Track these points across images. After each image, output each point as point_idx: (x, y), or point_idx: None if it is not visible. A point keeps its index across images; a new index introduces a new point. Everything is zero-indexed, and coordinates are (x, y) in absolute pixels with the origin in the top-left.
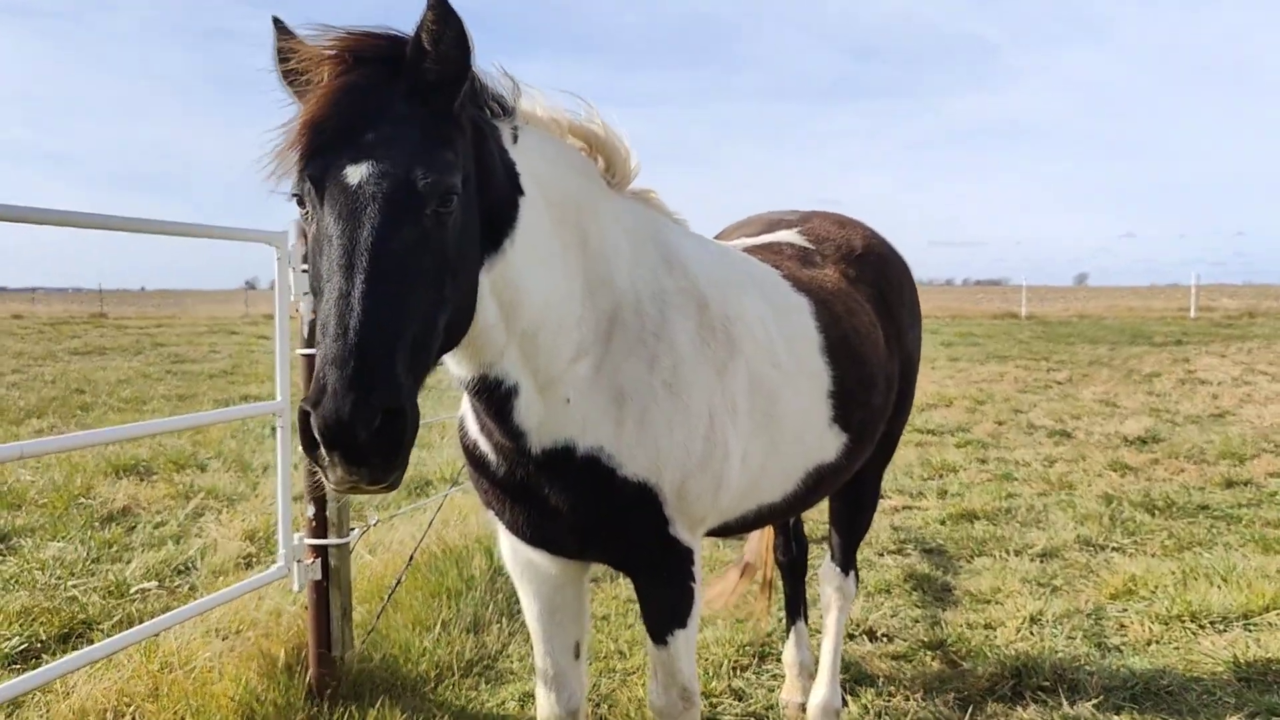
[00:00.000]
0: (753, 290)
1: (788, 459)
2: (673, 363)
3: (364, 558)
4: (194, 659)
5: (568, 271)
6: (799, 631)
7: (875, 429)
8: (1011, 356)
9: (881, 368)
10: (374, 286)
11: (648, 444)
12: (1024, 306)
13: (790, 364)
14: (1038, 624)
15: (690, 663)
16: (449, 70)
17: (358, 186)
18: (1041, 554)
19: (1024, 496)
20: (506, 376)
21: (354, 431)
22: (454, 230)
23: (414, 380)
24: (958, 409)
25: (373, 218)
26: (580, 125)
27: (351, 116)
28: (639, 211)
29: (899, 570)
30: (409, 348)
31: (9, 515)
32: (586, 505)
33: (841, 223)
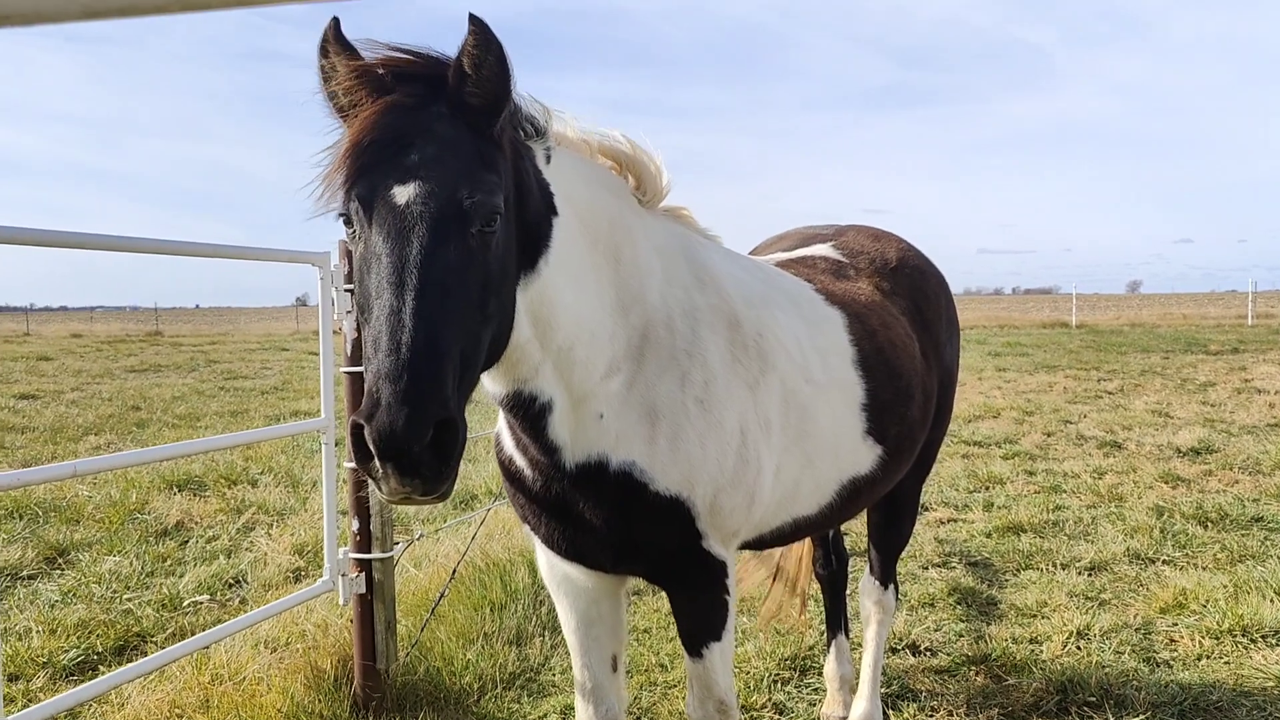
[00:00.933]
0: (785, 305)
1: (822, 472)
2: (705, 379)
3: (409, 571)
4: (243, 671)
5: (600, 289)
6: (840, 645)
7: (912, 442)
8: (1061, 366)
9: (918, 380)
10: (424, 303)
11: (680, 460)
12: (1074, 315)
13: (823, 377)
14: (1085, 638)
15: (726, 675)
16: (490, 94)
17: (406, 206)
18: (1089, 567)
19: (1072, 509)
20: (540, 393)
21: (408, 444)
22: (497, 249)
23: (462, 394)
24: (1005, 420)
25: (421, 236)
26: (610, 145)
27: (397, 138)
28: (670, 229)
29: (943, 584)
30: (458, 363)
31: (68, 530)
32: (620, 519)
33: (876, 236)
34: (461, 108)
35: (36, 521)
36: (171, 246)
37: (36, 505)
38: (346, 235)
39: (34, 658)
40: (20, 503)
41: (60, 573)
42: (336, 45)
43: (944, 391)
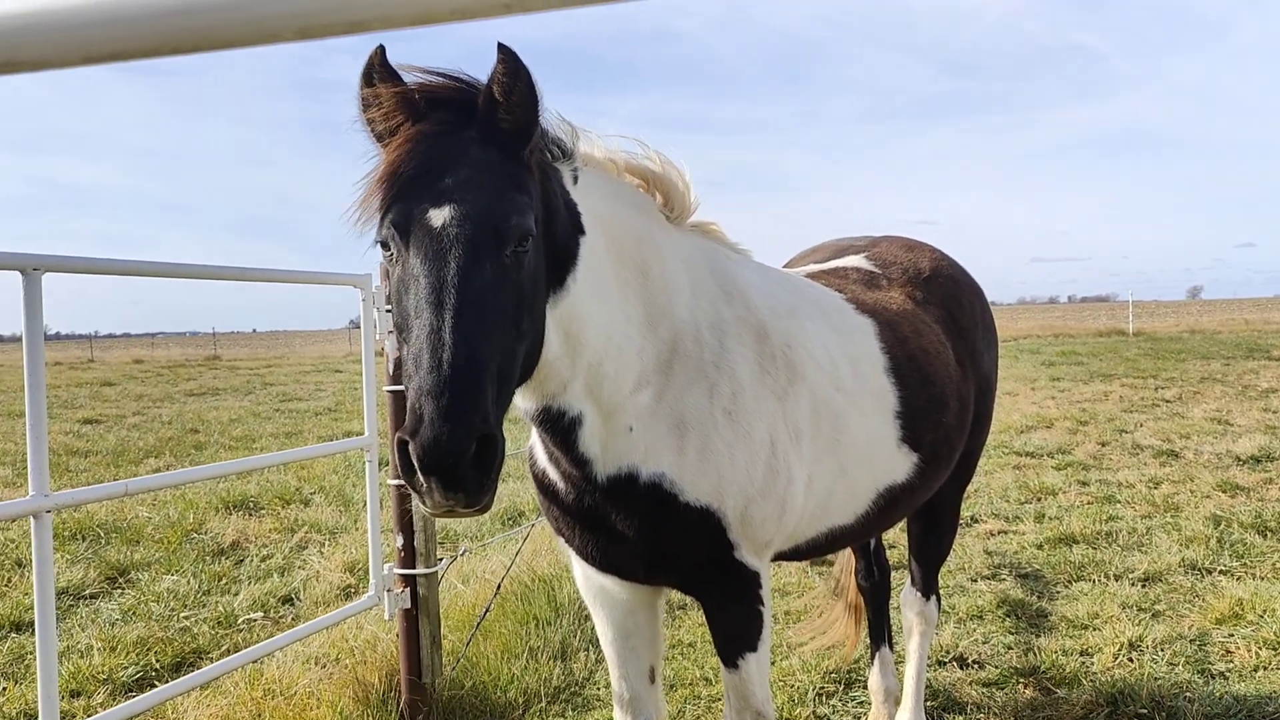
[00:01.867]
0: (814, 315)
1: (856, 480)
2: (733, 391)
3: (456, 588)
4: (294, 686)
5: (627, 304)
6: (883, 657)
7: (949, 449)
8: (1117, 375)
9: (953, 387)
10: (462, 321)
11: (709, 471)
12: (1131, 322)
13: (855, 386)
14: (1137, 650)
15: (763, 686)
16: (520, 119)
17: (441, 229)
18: (1143, 578)
19: (1126, 519)
20: (570, 407)
21: (451, 458)
22: (529, 268)
23: (500, 409)
24: (1058, 430)
25: (458, 258)
26: (637, 164)
27: (430, 163)
28: (698, 244)
29: (992, 596)
30: (495, 379)
31: (128, 550)
32: (651, 530)
33: (909, 246)
34: (493, 132)
35: (98, 542)
36: (220, 271)
37: (98, 527)
38: (384, 259)
39: (95, 674)
40: (83, 524)
41: (120, 592)
42: (383, 72)
43: (982, 400)
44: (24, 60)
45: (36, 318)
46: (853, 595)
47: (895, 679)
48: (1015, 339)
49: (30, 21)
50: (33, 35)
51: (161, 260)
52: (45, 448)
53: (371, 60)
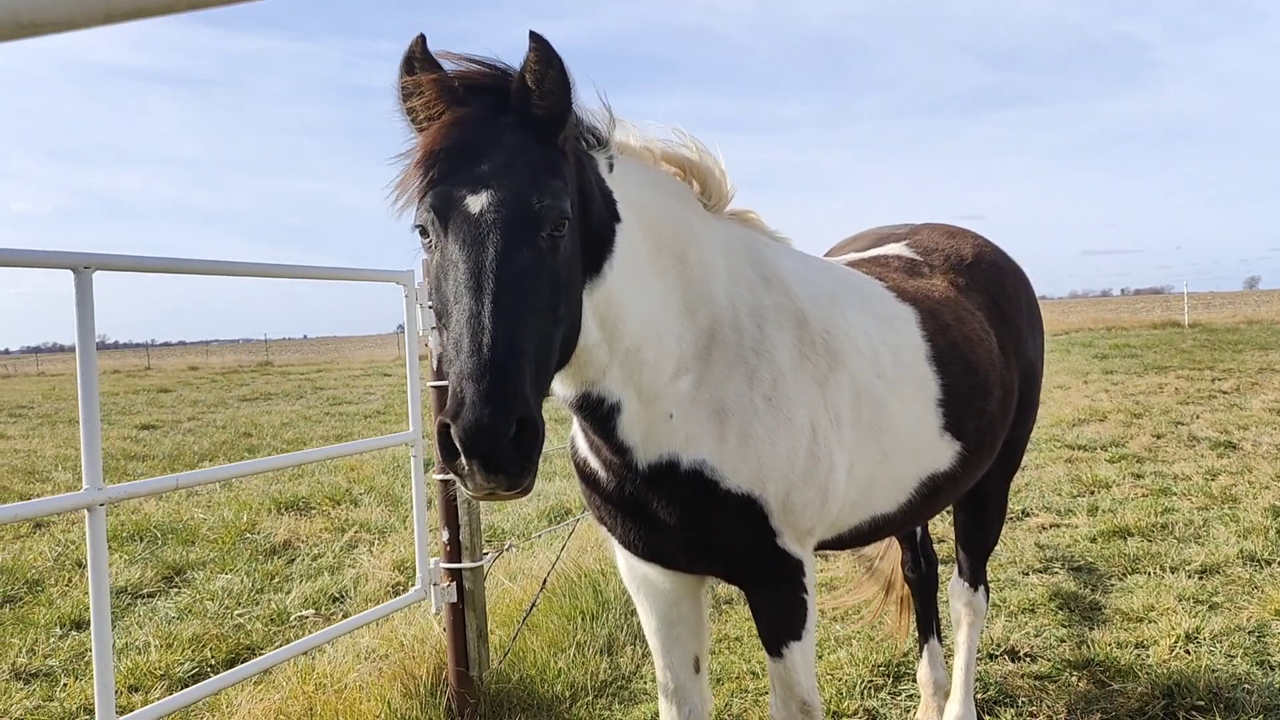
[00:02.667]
0: (855, 302)
1: (898, 468)
2: (773, 377)
3: (503, 584)
4: (344, 679)
5: (666, 291)
6: (932, 650)
7: (993, 437)
8: (1172, 367)
9: (996, 375)
10: (501, 305)
11: (750, 458)
12: (1186, 314)
13: (896, 373)
14: (1194, 642)
15: (808, 675)
16: (553, 106)
17: (479, 214)
18: (1200, 570)
19: (1182, 511)
20: (609, 394)
21: (492, 440)
22: (565, 253)
23: (538, 393)
24: (1112, 423)
25: (496, 242)
26: (674, 152)
27: (467, 148)
28: (736, 231)
29: (1044, 589)
30: (534, 362)
31: (184, 550)
32: (693, 518)
33: (951, 233)
34: (527, 119)
35: (155, 543)
36: (266, 269)
37: (155, 528)
38: (422, 245)
39: (152, 670)
40: (141, 526)
41: (177, 590)
42: (423, 60)
43: (1027, 387)
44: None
45: (88, 316)
46: (900, 587)
47: (944, 671)
48: (1067, 332)
49: None
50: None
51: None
52: (98, 443)
53: (412, 49)
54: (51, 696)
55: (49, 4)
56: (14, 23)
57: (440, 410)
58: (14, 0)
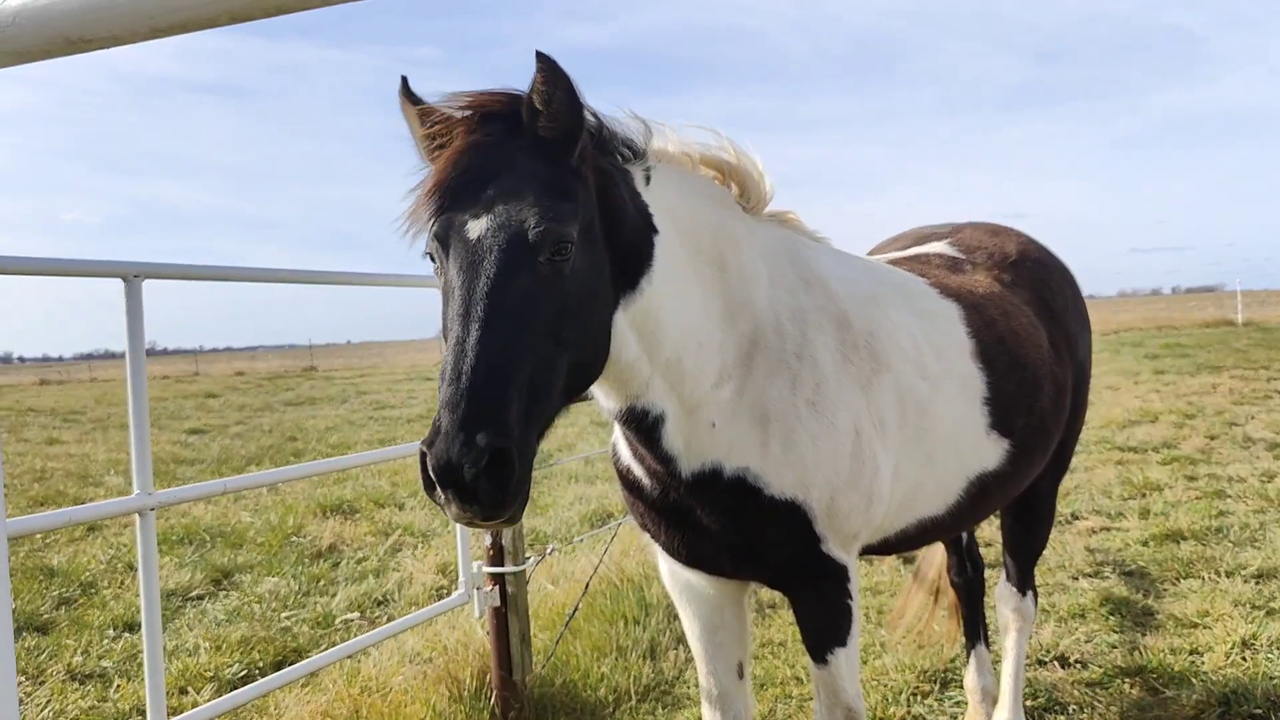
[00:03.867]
0: (897, 301)
1: (944, 469)
2: (815, 381)
3: (546, 588)
4: (389, 683)
5: (706, 300)
6: (979, 655)
7: (1045, 434)
8: (1226, 366)
9: (1046, 371)
10: (487, 333)
11: (794, 463)
12: (1240, 312)
13: (940, 372)
14: (1251, 648)
15: (853, 682)
16: (562, 126)
17: (478, 240)
18: (1257, 574)
19: (1238, 514)
20: (653, 406)
21: (461, 471)
22: (575, 275)
23: (530, 422)
24: (1163, 424)
25: (489, 269)
26: (712, 155)
27: (474, 174)
28: (776, 233)
29: (1095, 594)
30: (524, 391)
31: (232, 554)
32: (737, 525)
33: (994, 231)
34: (538, 141)
35: (204, 546)
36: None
37: (204, 531)
38: (433, 271)
39: (201, 672)
40: (190, 529)
41: (225, 593)
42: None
43: (1079, 386)
44: (96, 37)
45: (138, 323)
46: (949, 594)
47: (992, 678)
48: (1116, 332)
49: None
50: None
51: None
52: (148, 449)
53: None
54: (105, 697)
55: (96, 21)
56: (63, 39)
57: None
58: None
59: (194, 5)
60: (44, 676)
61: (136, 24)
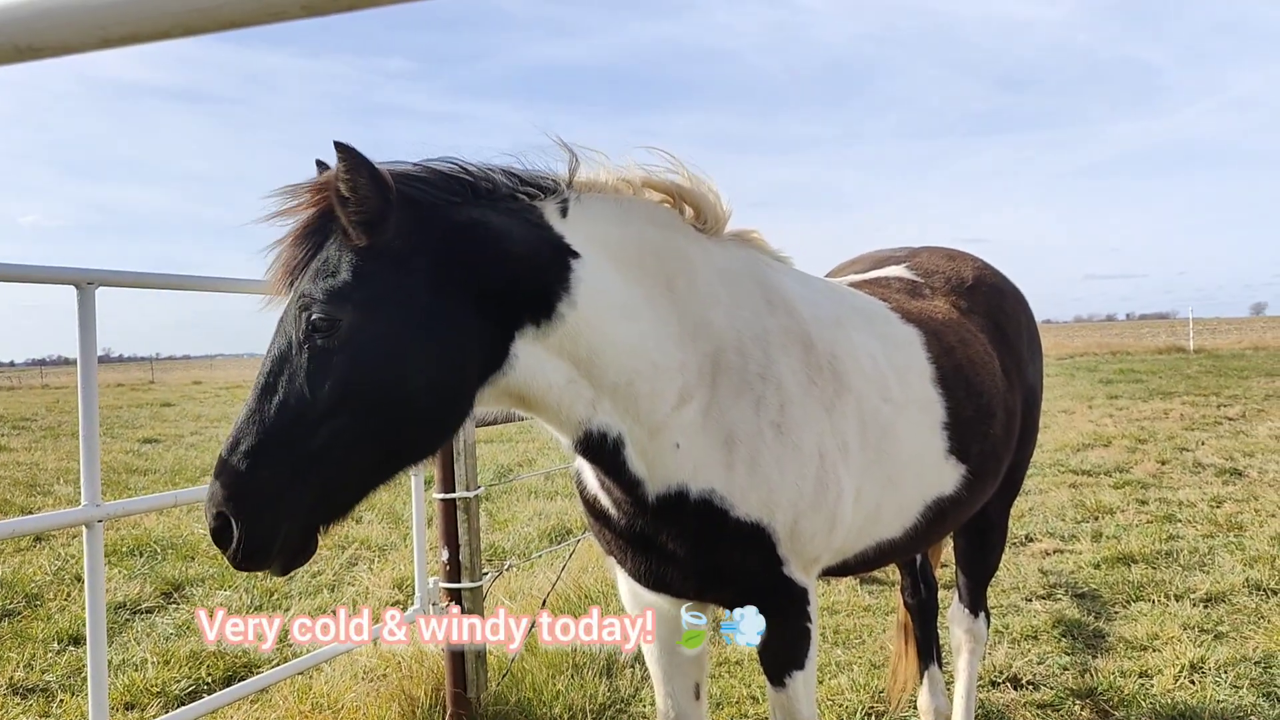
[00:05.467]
0: (860, 324)
1: (904, 493)
2: (780, 402)
3: (504, 603)
4: (341, 699)
5: (658, 319)
6: (932, 676)
7: (997, 461)
8: (1178, 393)
9: (999, 398)
10: (248, 405)
11: (759, 485)
12: (1191, 339)
13: (902, 396)
14: (1199, 672)
15: (810, 705)
16: (371, 209)
17: (279, 321)
18: (1205, 598)
19: (1187, 539)
20: (609, 428)
21: (213, 535)
22: (349, 349)
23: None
24: (1116, 448)
25: (268, 347)
26: (659, 179)
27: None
28: (737, 254)
29: (1047, 615)
30: (287, 464)
31: (183, 566)
32: (703, 548)
33: (951, 255)
34: (353, 224)
35: (155, 558)
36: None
37: (155, 543)
38: None
39: (149, 687)
40: (141, 541)
41: (175, 606)
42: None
43: (1028, 411)
44: (46, 45)
45: (90, 332)
46: (900, 614)
47: (945, 698)
48: (1071, 356)
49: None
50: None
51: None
52: (97, 459)
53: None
54: (48, 712)
55: (46, 30)
56: (12, 47)
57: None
58: (12, 26)
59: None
60: None
61: (87, 34)
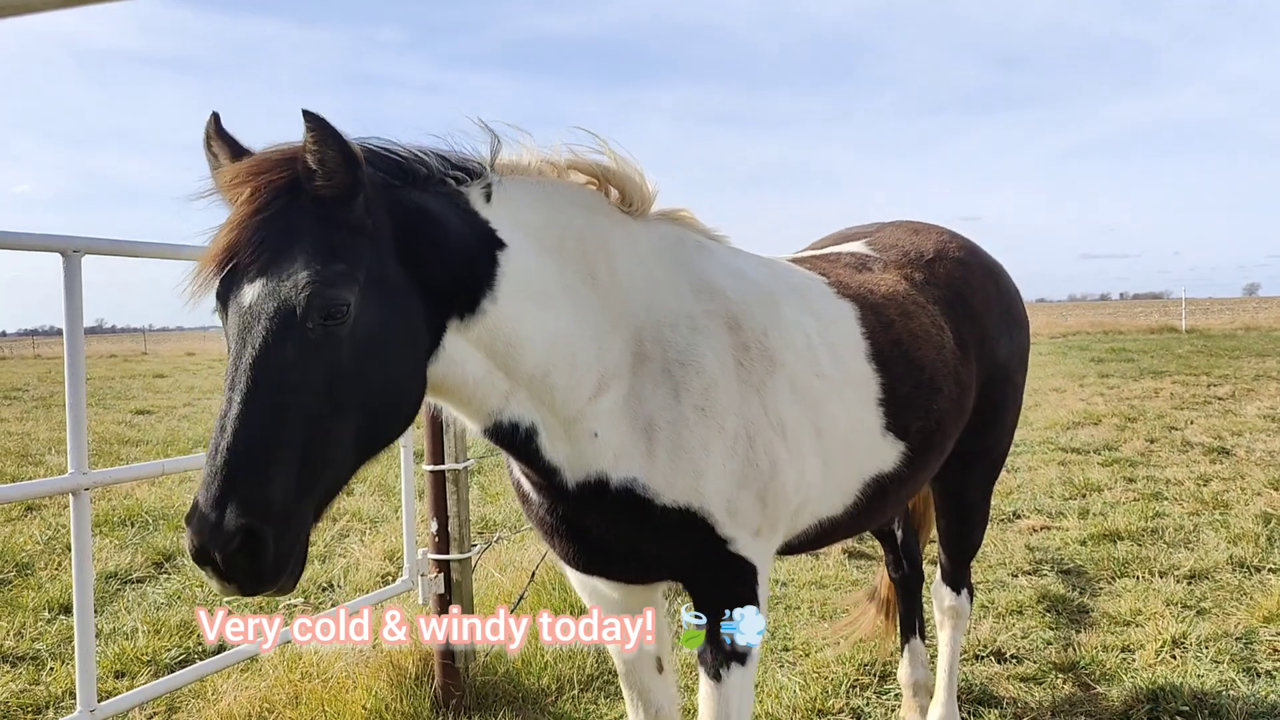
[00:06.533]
0: (792, 300)
1: (840, 470)
2: (703, 386)
3: (494, 575)
4: (330, 669)
5: (577, 308)
6: (913, 649)
7: (942, 437)
8: (1168, 372)
9: (947, 372)
10: (247, 406)
11: (684, 470)
12: (1184, 319)
13: (835, 373)
14: (1180, 647)
15: (745, 712)
16: (339, 183)
17: (249, 306)
18: (1189, 575)
19: (1173, 516)
20: (521, 419)
21: (210, 552)
22: (352, 338)
23: (304, 495)
24: (1106, 427)
25: (255, 337)
26: (583, 160)
27: (251, 237)
28: (663, 234)
29: (1033, 591)
30: (292, 464)
31: (175, 536)
32: (632, 534)
33: (915, 229)
34: (315, 200)
35: (146, 528)
36: None
37: (147, 513)
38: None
39: (139, 656)
40: (133, 511)
41: (166, 576)
42: (218, 140)
43: (996, 388)
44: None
45: (77, 300)
46: (885, 589)
47: (925, 671)
48: (1064, 335)
49: None
50: None
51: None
52: (84, 427)
53: (207, 130)
54: (38, 680)
55: None
56: None
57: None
58: None
59: None
60: None
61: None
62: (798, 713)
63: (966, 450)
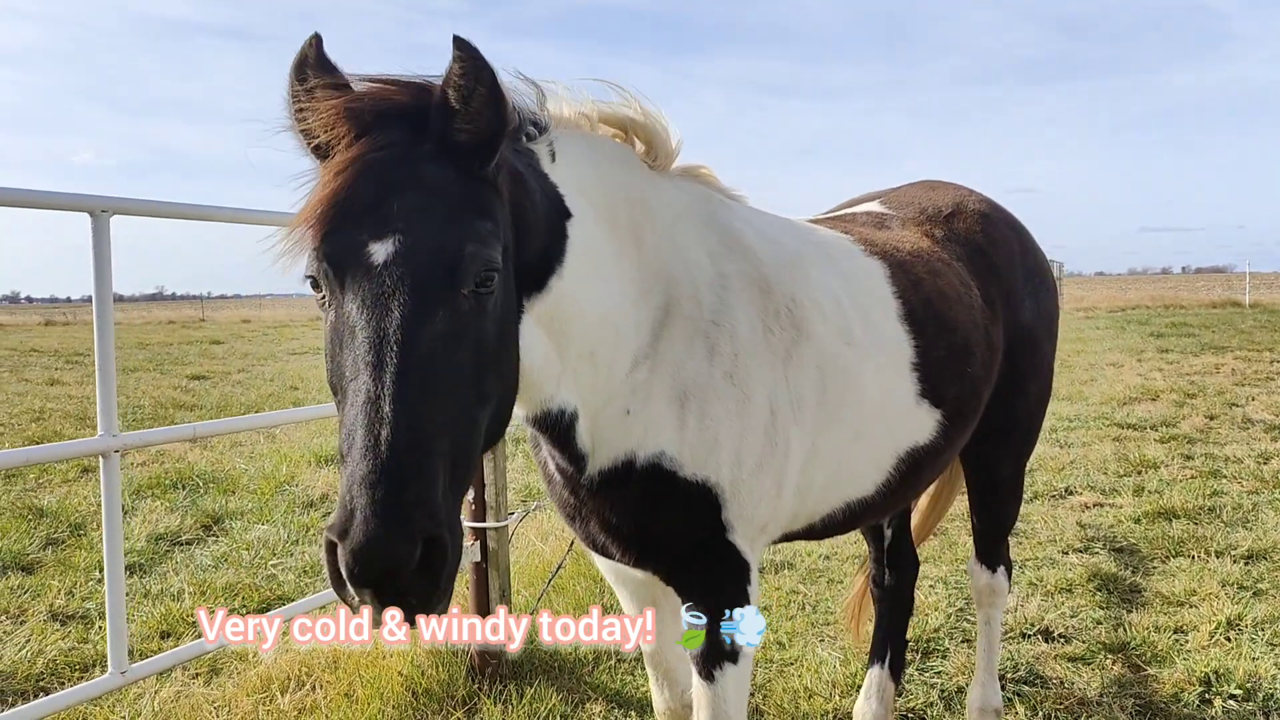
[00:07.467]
0: (819, 261)
1: (872, 444)
2: (734, 351)
3: (534, 544)
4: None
5: (623, 277)
6: (875, 678)
7: (977, 403)
8: (1230, 347)
9: (979, 334)
10: (407, 388)
11: (707, 439)
12: (1247, 294)
13: (866, 338)
14: (1235, 629)
15: (740, 711)
16: (482, 130)
17: (383, 267)
18: (1247, 555)
19: (1232, 494)
20: (566, 405)
21: (385, 569)
22: (495, 311)
23: (456, 495)
24: (1164, 402)
25: (402, 304)
26: (612, 112)
27: (374, 186)
28: (690, 192)
29: (1083, 569)
30: (450, 460)
31: (224, 500)
32: (644, 515)
33: (932, 186)
34: (450, 147)
35: (197, 492)
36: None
37: (198, 477)
38: (316, 300)
39: (185, 617)
40: (184, 474)
41: (215, 539)
42: (318, 67)
43: (1024, 352)
44: None
45: (105, 260)
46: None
47: (883, 706)
48: (1123, 309)
49: None
50: None
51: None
52: (114, 388)
53: (304, 53)
54: (85, 638)
55: None
56: None
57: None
58: None
59: None
60: (25, 616)
61: None
62: (837, 688)
63: (997, 422)
